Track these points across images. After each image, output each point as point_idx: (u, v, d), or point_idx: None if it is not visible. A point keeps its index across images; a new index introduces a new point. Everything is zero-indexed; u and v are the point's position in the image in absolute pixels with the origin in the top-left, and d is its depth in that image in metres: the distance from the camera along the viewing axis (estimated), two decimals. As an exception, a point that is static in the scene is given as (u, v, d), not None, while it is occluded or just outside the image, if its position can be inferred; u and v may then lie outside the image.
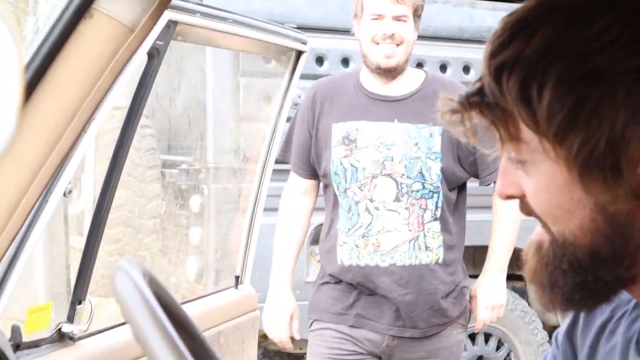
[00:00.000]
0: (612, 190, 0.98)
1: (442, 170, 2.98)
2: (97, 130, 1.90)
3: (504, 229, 3.14)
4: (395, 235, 2.97)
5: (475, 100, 1.03)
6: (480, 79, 1.03)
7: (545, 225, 1.05)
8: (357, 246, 2.98)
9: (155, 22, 1.26)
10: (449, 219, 3.04)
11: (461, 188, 3.10)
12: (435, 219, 3.00)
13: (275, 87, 2.86)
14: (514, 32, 1.00)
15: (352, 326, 3.03)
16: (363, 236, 2.98)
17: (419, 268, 2.99)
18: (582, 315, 1.21)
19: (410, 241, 2.98)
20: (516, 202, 1.10)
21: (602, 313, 1.18)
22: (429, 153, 2.98)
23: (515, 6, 1.08)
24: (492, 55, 1.01)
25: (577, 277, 1.02)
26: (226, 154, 4.35)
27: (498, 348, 5.03)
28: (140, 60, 2.03)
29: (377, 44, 2.96)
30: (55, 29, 1.19)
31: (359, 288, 3.03)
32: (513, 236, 3.15)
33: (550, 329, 5.01)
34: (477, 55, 1.06)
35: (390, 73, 3.00)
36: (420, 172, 2.97)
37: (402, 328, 3.03)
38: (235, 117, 4.35)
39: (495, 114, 1.01)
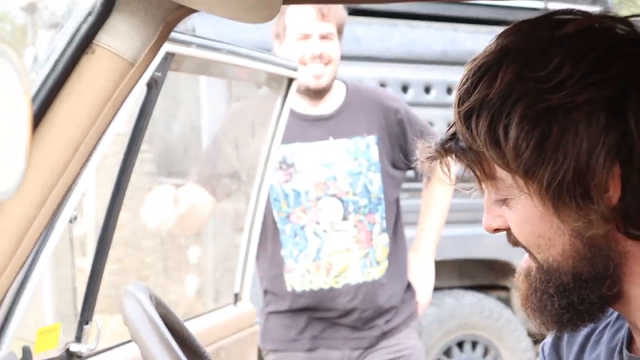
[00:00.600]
0: (585, 216, 1.03)
1: (383, 181, 2.97)
2: (100, 157, 1.95)
3: (434, 218, 3.14)
4: (346, 255, 2.93)
5: (450, 146, 1.09)
6: (453, 125, 1.10)
7: (531, 254, 1.11)
8: (308, 271, 2.94)
9: (154, 56, 1.28)
10: (391, 228, 3.02)
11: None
12: (383, 232, 2.98)
13: (268, 112, 2.88)
14: (478, 78, 1.06)
15: (309, 349, 2.99)
16: (314, 260, 2.93)
17: (372, 284, 2.96)
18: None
19: (361, 258, 2.95)
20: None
21: (587, 324, 1.23)
22: (369, 165, 2.96)
23: (495, 29, 1.13)
24: (461, 101, 1.07)
25: (563, 300, 1.08)
26: (222, 176, 4.38)
27: (485, 355, 5.15)
28: (139, 91, 2.09)
29: (305, 64, 2.92)
30: (58, 64, 1.21)
31: (309, 311, 2.99)
32: (442, 224, 3.17)
33: (534, 336, 5.12)
34: (460, 77, 1.12)
35: (319, 93, 2.97)
36: (365, 187, 2.95)
37: (358, 340, 2.99)
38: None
39: (470, 157, 1.07)
